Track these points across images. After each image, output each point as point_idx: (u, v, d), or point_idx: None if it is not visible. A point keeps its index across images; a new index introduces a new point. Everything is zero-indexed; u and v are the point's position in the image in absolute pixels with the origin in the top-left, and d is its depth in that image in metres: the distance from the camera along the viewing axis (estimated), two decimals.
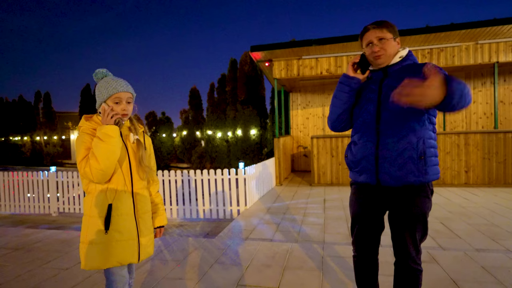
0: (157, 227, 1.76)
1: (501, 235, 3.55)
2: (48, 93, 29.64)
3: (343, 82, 1.68)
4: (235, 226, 4.30)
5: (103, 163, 1.41)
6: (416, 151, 1.51)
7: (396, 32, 1.63)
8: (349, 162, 1.73)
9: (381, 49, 1.59)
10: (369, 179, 1.62)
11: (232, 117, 21.05)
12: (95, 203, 1.48)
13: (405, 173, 1.52)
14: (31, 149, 29.36)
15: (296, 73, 7.68)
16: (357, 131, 1.69)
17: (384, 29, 1.60)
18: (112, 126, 1.45)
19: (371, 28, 1.62)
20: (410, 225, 1.56)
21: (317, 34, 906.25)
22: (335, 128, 1.82)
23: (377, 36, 1.59)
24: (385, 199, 1.63)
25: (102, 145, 1.42)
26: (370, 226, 1.68)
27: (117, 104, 1.53)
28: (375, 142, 1.59)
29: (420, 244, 1.61)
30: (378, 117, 1.59)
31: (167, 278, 2.67)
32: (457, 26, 6.27)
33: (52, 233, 4.23)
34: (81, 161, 1.45)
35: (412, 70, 1.58)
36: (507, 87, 8.71)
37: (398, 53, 1.64)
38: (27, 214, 6.66)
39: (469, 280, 2.44)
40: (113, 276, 1.53)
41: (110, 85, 1.53)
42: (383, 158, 1.55)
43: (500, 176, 6.48)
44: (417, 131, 1.53)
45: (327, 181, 7.24)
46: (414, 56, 1.67)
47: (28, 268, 3.00)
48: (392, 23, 1.64)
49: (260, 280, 2.56)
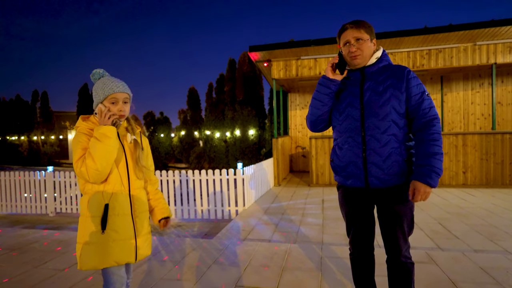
0: (161, 219, 1.73)
1: (499, 235, 3.56)
2: (46, 93, 29.53)
3: (323, 84, 1.70)
4: (233, 227, 4.29)
5: (100, 163, 1.40)
6: (401, 155, 1.59)
7: (373, 33, 1.67)
8: (336, 166, 1.77)
9: (358, 49, 1.62)
10: (358, 183, 1.67)
11: (230, 117, 21.04)
12: (92, 203, 1.48)
13: (392, 175, 1.60)
14: (28, 149, 29.22)
15: (294, 73, 7.68)
16: (341, 135, 1.72)
17: (361, 29, 1.62)
18: (109, 127, 1.45)
19: (349, 27, 1.64)
20: (399, 220, 1.63)
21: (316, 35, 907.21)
22: (315, 129, 1.86)
23: (354, 36, 1.62)
24: (373, 198, 1.70)
25: (99, 145, 1.41)
26: (364, 225, 1.75)
27: (114, 104, 1.53)
28: (362, 147, 1.63)
29: (408, 237, 1.69)
30: (363, 122, 1.63)
31: (164, 279, 2.65)
32: (456, 27, 6.28)
33: (49, 234, 4.21)
34: (77, 160, 1.44)
35: (389, 72, 1.64)
36: (504, 88, 8.75)
37: (374, 54, 1.68)
38: (24, 214, 6.62)
39: (467, 281, 2.44)
40: (111, 276, 1.52)
41: (107, 85, 1.52)
42: (371, 163, 1.61)
43: (497, 177, 6.50)
44: (400, 135, 1.60)
45: (325, 182, 7.24)
46: (388, 57, 1.73)
47: (24, 269, 2.97)
48: (370, 24, 1.66)
49: (259, 281, 2.55)
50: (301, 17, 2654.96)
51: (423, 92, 1.60)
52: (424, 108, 1.58)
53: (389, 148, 1.58)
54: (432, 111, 1.59)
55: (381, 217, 1.69)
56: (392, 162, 1.58)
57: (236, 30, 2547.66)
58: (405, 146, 1.61)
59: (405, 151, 1.60)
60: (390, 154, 1.58)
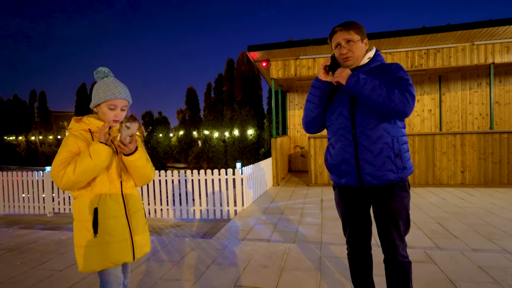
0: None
1: (497, 234, 3.57)
2: (44, 92, 29.43)
3: (316, 86, 1.72)
4: (232, 227, 4.28)
5: (78, 177, 1.40)
6: (392, 150, 1.59)
7: (364, 33, 1.67)
8: (330, 165, 1.78)
9: (349, 51, 1.63)
10: (352, 181, 1.68)
11: (229, 117, 21.03)
12: (82, 208, 1.48)
13: (386, 171, 1.59)
14: (26, 149, 29.11)
15: (293, 73, 7.68)
16: (334, 134, 1.74)
17: (351, 31, 1.63)
18: (104, 146, 1.43)
19: (338, 30, 1.65)
20: (394, 219, 1.63)
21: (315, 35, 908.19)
22: (310, 130, 1.87)
23: (344, 38, 1.63)
24: (368, 196, 1.70)
25: (87, 161, 1.39)
26: (360, 224, 1.75)
27: (111, 110, 1.51)
28: (353, 144, 1.64)
29: (405, 236, 1.69)
30: (353, 120, 1.64)
31: (163, 279, 2.65)
32: (454, 27, 6.30)
33: (47, 234, 4.19)
34: (60, 164, 1.42)
35: (380, 71, 1.64)
36: (502, 88, 8.77)
37: (366, 54, 1.69)
38: (22, 214, 6.59)
39: (466, 280, 2.44)
40: (107, 276, 1.52)
41: (109, 89, 1.50)
42: (363, 160, 1.62)
43: (495, 177, 6.52)
44: (390, 130, 1.60)
45: (324, 181, 7.25)
46: (381, 56, 1.72)
47: (22, 270, 2.96)
48: (360, 24, 1.66)
49: (258, 280, 2.55)
50: (300, 17, 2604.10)
51: (404, 77, 1.55)
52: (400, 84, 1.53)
53: (380, 144, 1.58)
54: (408, 87, 1.51)
55: (376, 216, 1.69)
56: (384, 158, 1.58)
57: (235, 30, 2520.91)
58: (397, 141, 1.60)
59: (397, 146, 1.59)
60: (382, 150, 1.58)
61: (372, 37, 6.56)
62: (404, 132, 1.67)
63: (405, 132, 1.68)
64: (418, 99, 9.27)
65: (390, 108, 1.48)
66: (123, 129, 1.43)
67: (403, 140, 1.64)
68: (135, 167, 1.55)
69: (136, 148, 1.52)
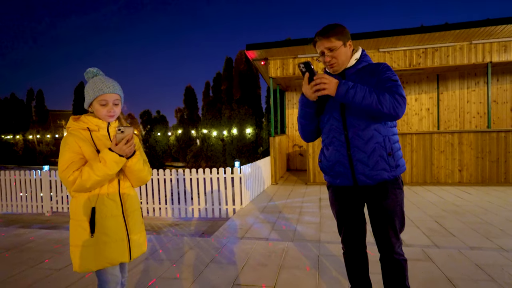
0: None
1: (494, 233, 3.59)
2: (41, 91, 29.31)
3: (305, 105, 1.70)
4: (230, 225, 4.29)
5: (92, 185, 1.43)
6: (385, 149, 1.60)
7: (347, 36, 1.64)
8: (324, 166, 1.79)
9: (333, 58, 1.64)
10: (346, 182, 1.69)
11: (227, 116, 21.01)
12: (79, 207, 1.47)
13: (379, 170, 1.60)
14: (24, 148, 28.99)
15: (291, 72, 7.68)
16: (327, 136, 1.75)
17: (331, 38, 1.61)
18: (122, 158, 1.45)
19: (318, 40, 1.64)
20: (389, 217, 1.64)
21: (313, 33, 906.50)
22: (308, 140, 1.89)
23: (326, 47, 1.63)
24: (362, 196, 1.71)
25: (104, 171, 1.41)
26: (354, 224, 1.77)
27: (103, 106, 1.51)
28: (346, 146, 1.65)
29: (400, 234, 1.69)
30: (344, 122, 1.65)
31: (162, 277, 2.65)
32: (452, 26, 6.31)
33: (45, 233, 4.18)
34: (67, 168, 1.42)
35: (367, 72, 1.64)
36: (500, 87, 8.81)
37: (353, 55, 1.68)
38: (20, 213, 6.57)
39: (463, 278, 2.46)
40: (105, 276, 1.52)
41: (97, 86, 1.50)
42: (357, 160, 1.63)
43: (493, 175, 6.55)
44: (382, 130, 1.61)
45: (322, 180, 7.26)
46: (368, 57, 1.72)
47: (20, 269, 2.95)
48: (341, 27, 1.63)
49: (256, 279, 2.55)
50: (299, 16, 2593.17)
51: (393, 78, 1.56)
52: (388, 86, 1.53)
53: (372, 144, 1.59)
54: (399, 89, 1.52)
55: (371, 215, 1.70)
56: (377, 157, 1.59)
57: (233, 29, 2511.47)
58: (389, 140, 1.62)
59: (389, 145, 1.61)
60: (374, 150, 1.59)
61: (371, 36, 6.57)
62: (395, 131, 1.69)
63: (396, 131, 1.70)
64: (416, 98, 9.30)
65: (383, 113, 1.50)
66: (117, 132, 1.43)
67: (395, 139, 1.66)
68: (132, 171, 1.55)
69: (134, 153, 1.52)
